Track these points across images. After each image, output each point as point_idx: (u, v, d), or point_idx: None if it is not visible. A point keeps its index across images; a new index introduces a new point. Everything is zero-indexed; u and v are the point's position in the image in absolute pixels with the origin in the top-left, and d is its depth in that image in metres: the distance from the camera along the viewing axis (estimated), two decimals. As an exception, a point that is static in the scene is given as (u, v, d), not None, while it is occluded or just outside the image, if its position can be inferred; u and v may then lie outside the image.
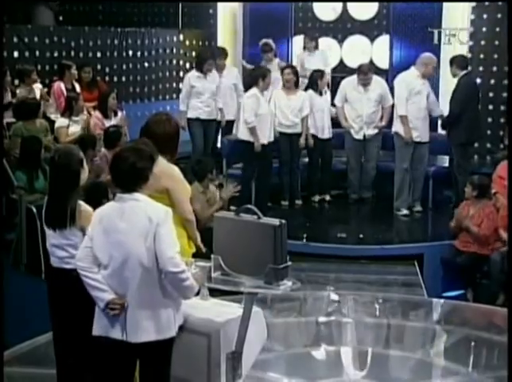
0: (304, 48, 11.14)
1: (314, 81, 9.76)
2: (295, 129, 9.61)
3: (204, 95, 9.80)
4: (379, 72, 10.50)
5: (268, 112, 9.21)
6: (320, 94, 9.77)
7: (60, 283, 4.53)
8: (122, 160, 4.02)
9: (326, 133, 9.82)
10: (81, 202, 4.61)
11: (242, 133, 9.25)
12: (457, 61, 9.41)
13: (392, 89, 9.60)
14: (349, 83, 9.81)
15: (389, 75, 10.86)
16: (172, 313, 4.01)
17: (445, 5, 10.50)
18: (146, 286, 3.95)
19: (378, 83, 9.75)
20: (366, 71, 9.67)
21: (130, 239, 3.93)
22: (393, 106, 9.56)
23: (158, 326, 3.97)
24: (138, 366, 4.13)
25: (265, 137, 9.15)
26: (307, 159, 9.99)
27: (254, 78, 9.27)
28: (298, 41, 11.56)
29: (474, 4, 10.21)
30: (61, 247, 4.57)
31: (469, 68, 9.46)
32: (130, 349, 4.00)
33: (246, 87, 9.35)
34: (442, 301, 7.64)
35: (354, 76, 9.80)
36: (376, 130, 9.76)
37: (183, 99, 9.87)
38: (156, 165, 4.12)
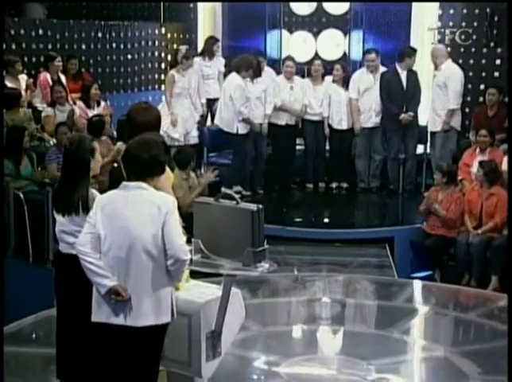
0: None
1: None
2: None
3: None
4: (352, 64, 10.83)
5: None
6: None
7: (69, 268, 4.43)
8: (146, 150, 4.02)
9: (344, 124, 10.11)
10: (93, 190, 4.61)
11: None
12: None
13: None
14: (360, 75, 10.07)
15: (362, 66, 11.12)
16: (170, 298, 4.04)
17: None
18: (150, 272, 3.95)
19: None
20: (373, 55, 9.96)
21: (137, 226, 3.93)
22: None
23: (158, 311, 3.99)
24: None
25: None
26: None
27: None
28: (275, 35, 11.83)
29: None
30: (71, 233, 4.53)
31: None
32: (131, 334, 3.98)
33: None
34: (411, 281, 7.86)
35: (363, 69, 10.14)
36: None
37: None
38: None
